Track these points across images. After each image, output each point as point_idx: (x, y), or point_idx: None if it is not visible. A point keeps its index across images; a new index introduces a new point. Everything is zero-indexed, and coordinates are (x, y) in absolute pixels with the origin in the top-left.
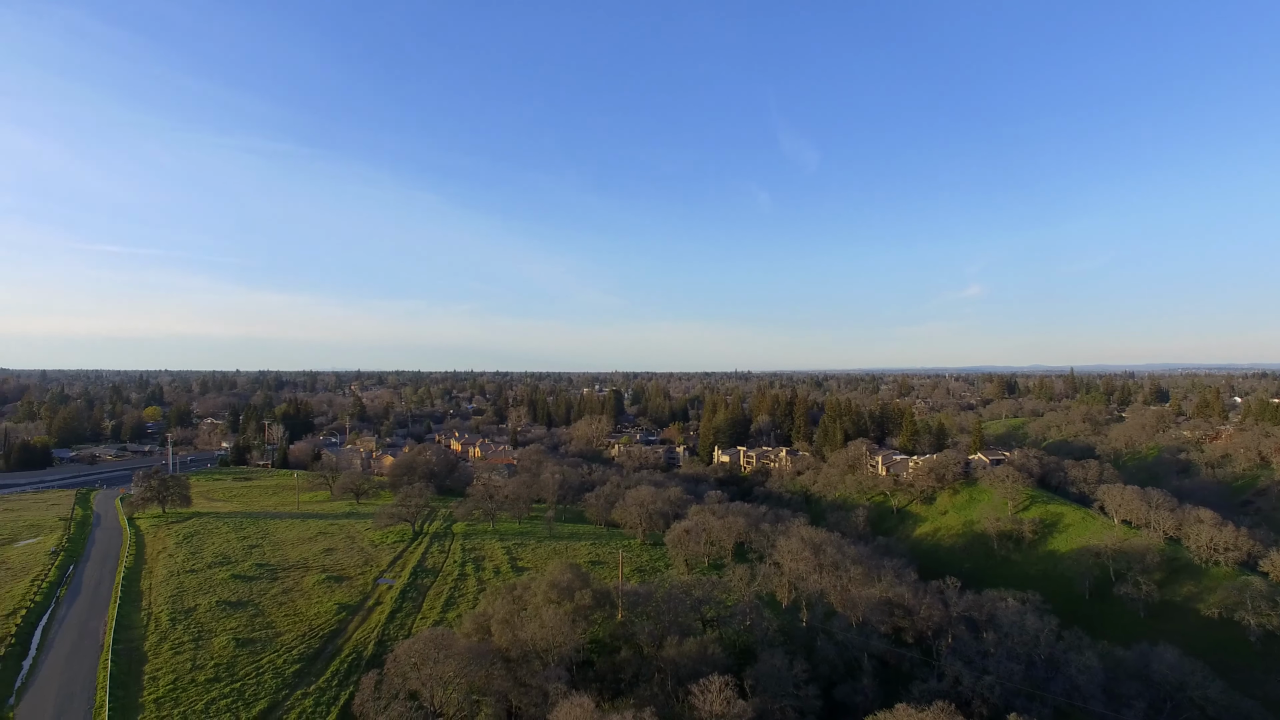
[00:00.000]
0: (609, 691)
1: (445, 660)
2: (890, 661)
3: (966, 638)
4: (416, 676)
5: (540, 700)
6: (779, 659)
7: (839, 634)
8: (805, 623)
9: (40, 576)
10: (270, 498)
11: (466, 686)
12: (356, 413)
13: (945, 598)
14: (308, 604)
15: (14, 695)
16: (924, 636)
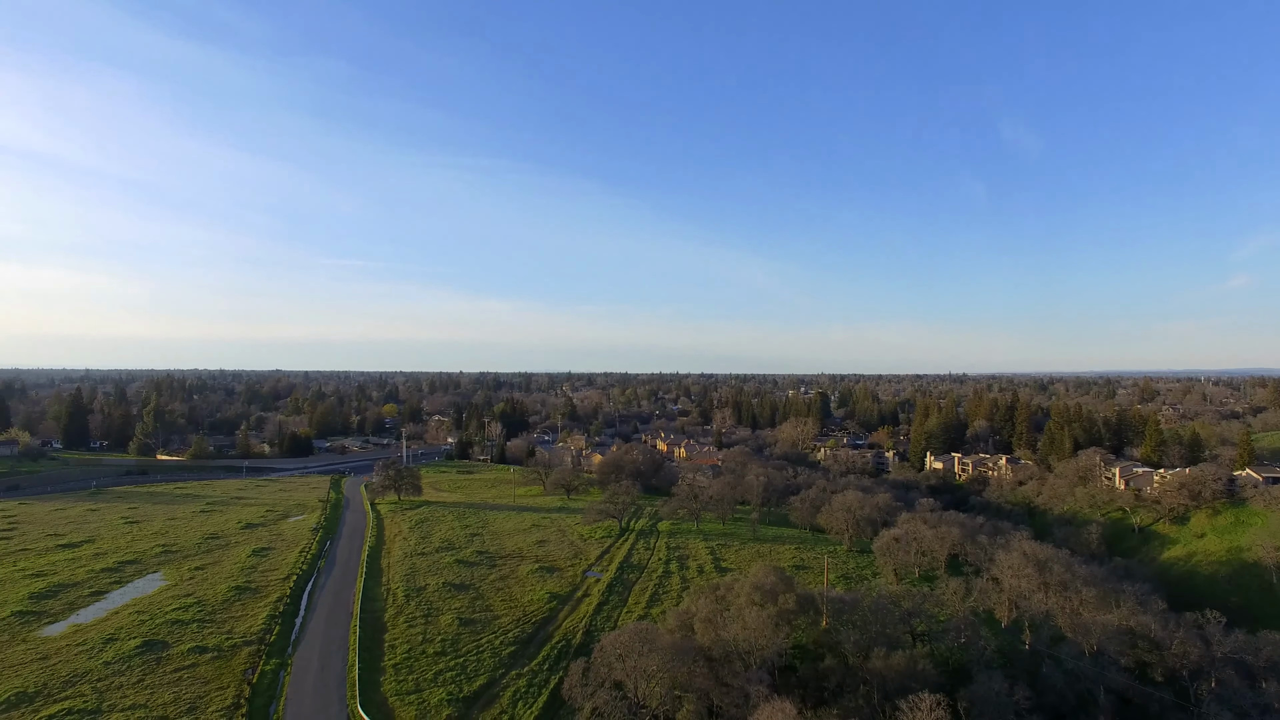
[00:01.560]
0: (811, 699)
1: (649, 654)
2: (1133, 699)
3: (1237, 684)
4: (621, 668)
5: (741, 701)
6: (997, 682)
7: (1069, 661)
8: (1028, 646)
9: (306, 549)
10: (489, 490)
11: (669, 681)
12: (567, 412)
13: (1205, 634)
14: (522, 591)
15: (291, 646)
16: (1177, 676)
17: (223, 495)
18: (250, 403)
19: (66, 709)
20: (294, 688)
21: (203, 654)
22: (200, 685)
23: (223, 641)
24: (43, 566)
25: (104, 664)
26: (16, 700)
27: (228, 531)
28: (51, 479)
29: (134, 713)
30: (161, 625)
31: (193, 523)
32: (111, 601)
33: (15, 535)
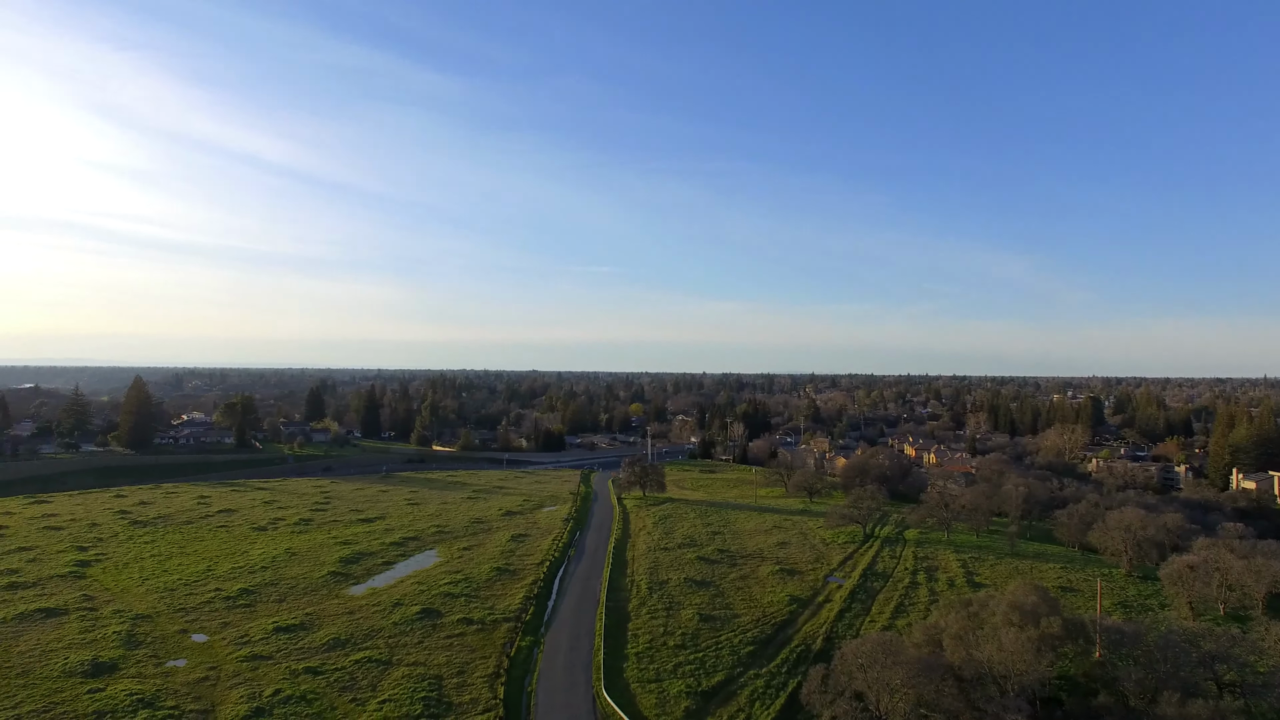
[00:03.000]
0: None
1: (893, 666)
2: None
3: None
4: (863, 678)
5: None
6: None
7: None
8: None
9: (558, 537)
10: (731, 490)
11: (914, 697)
12: (810, 414)
13: None
14: (762, 591)
15: (544, 626)
16: None
17: (486, 484)
18: (510, 400)
19: (367, 656)
20: (546, 664)
21: (469, 625)
22: (467, 652)
23: (485, 616)
24: (348, 536)
25: (393, 624)
26: (333, 644)
27: (490, 517)
28: (354, 463)
29: (415, 668)
30: (436, 596)
31: (461, 507)
32: (398, 571)
33: (329, 509)
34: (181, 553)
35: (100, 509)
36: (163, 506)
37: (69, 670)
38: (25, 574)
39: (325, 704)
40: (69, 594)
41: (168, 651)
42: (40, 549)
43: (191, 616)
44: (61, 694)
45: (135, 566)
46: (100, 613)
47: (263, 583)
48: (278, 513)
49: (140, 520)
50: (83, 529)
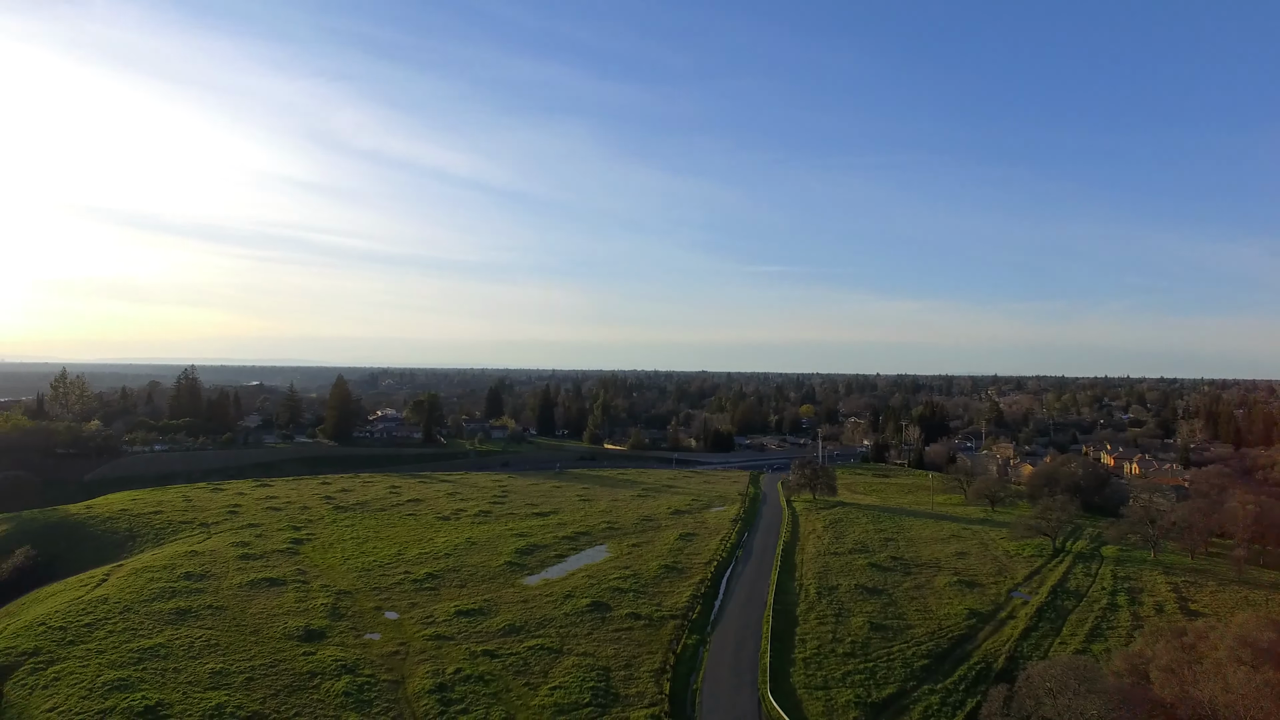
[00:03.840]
0: None
1: (1088, 695)
2: None
3: None
4: (1052, 705)
5: None
6: None
7: None
8: None
9: (725, 538)
10: (905, 495)
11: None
12: (993, 418)
13: None
14: (938, 603)
15: (710, 625)
16: None
17: (655, 483)
18: (680, 400)
19: (540, 644)
20: (711, 663)
21: (637, 620)
22: (635, 647)
23: (653, 612)
24: (523, 529)
25: (564, 614)
26: (509, 630)
27: (659, 515)
28: (529, 459)
29: (584, 658)
30: (606, 590)
31: (631, 505)
32: (569, 564)
33: (506, 502)
34: (376, 537)
35: (310, 494)
36: (360, 494)
37: (287, 633)
38: (254, 547)
39: (501, 685)
40: (286, 567)
41: (365, 625)
42: (264, 526)
43: (385, 595)
44: (282, 653)
45: (338, 547)
46: (310, 586)
47: (446, 568)
48: (460, 504)
49: (342, 506)
50: (296, 511)
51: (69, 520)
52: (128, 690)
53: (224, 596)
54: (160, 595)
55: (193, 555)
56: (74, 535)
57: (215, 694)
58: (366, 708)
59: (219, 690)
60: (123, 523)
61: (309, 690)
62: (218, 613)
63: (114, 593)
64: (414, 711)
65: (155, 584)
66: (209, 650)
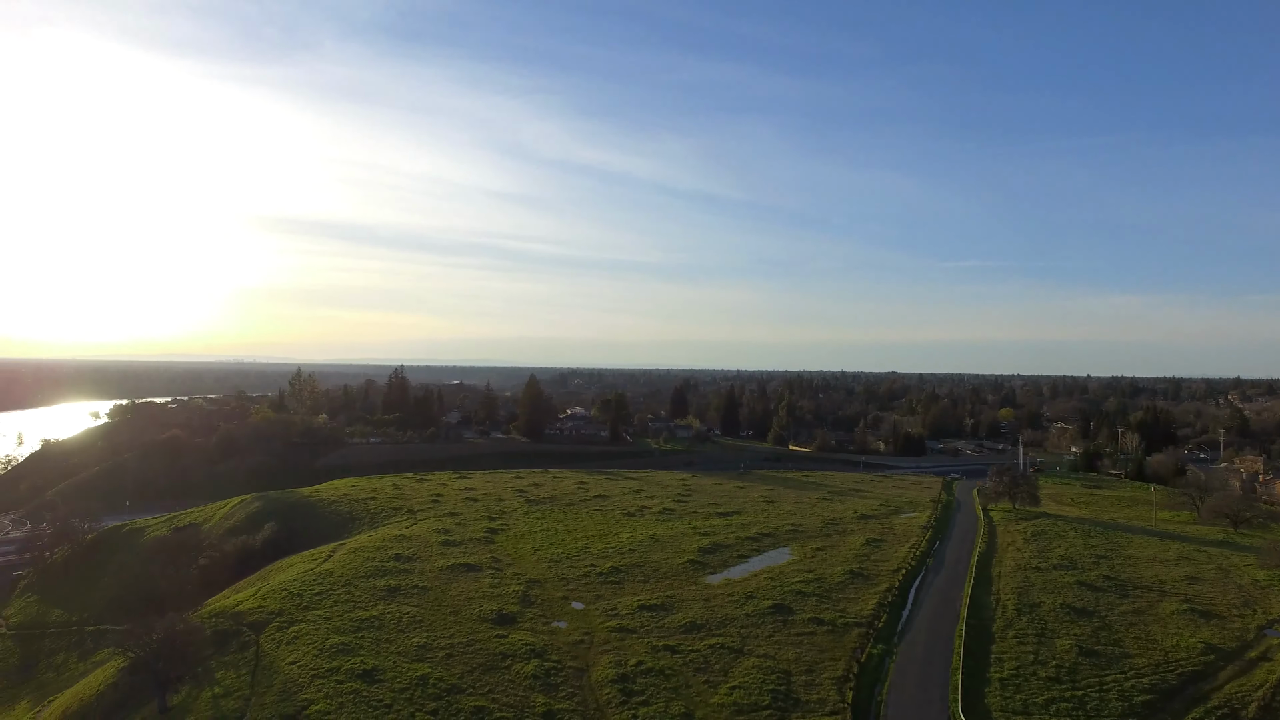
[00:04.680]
0: None
1: None
2: None
3: None
4: None
5: None
6: None
7: None
8: None
9: (915, 545)
10: (1121, 509)
11: None
12: (1235, 426)
13: None
14: (1163, 633)
15: (896, 636)
16: None
17: (841, 486)
18: (868, 402)
19: (720, 643)
20: (897, 675)
21: (819, 625)
22: (816, 652)
23: (836, 618)
24: (706, 528)
25: (745, 615)
26: (690, 627)
27: (845, 519)
28: (713, 458)
29: (765, 660)
30: (788, 593)
31: (816, 508)
32: (752, 565)
33: (690, 500)
34: (564, 530)
35: (504, 487)
36: (550, 489)
37: (482, 616)
38: (454, 534)
39: (681, 681)
40: (482, 554)
41: (553, 614)
42: (463, 515)
43: (571, 586)
44: (478, 634)
45: (529, 538)
46: (504, 573)
47: (630, 563)
48: (644, 501)
49: (533, 499)
50: (491, 502)
51: (303, 501)
52: (349, 654)
53: (428, 578)
54: (375, 573)
55: (401, 539)
56: (307, 514)
57: (420, 665)
58: (553, 691)
59: (423, 663)
60: (344, 506)
61: (501, 670)
62: (422, 592)
63: (338, 568)
64: (597, 700)
65: (371, 562)
66: (415, 626)
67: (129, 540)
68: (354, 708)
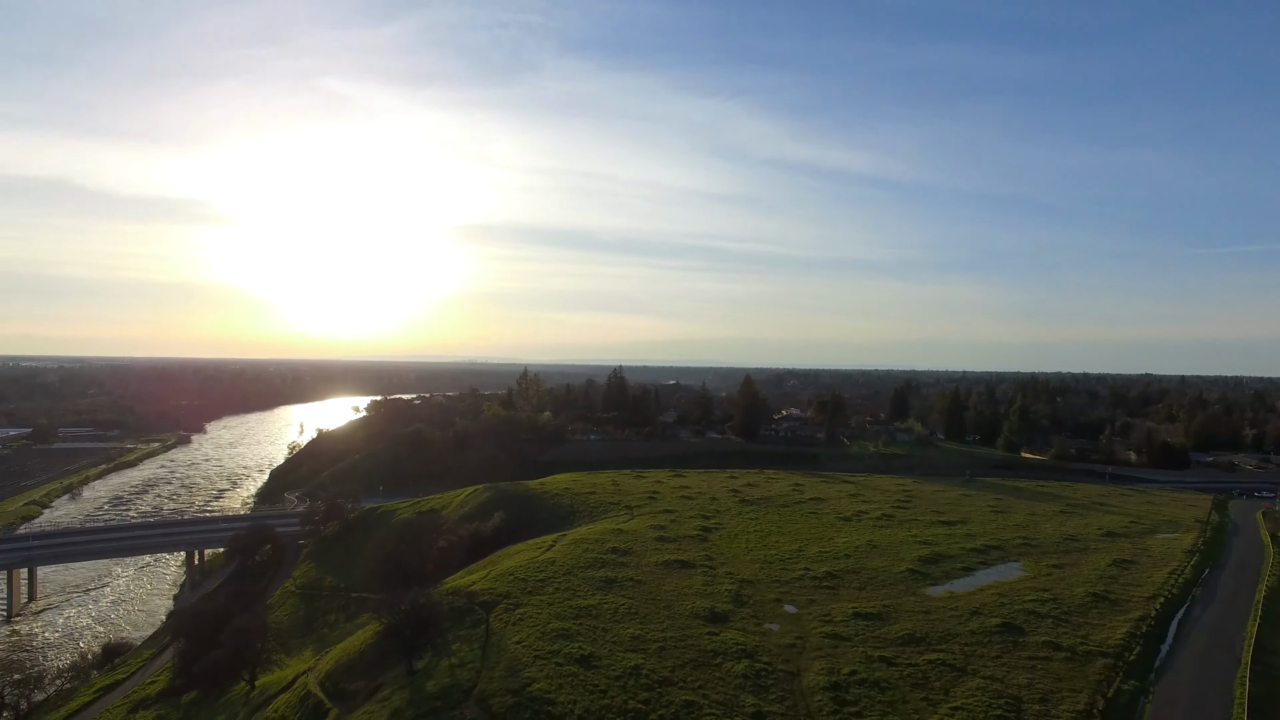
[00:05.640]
0: None
1: None
2: None
3: None
4: None
5: None
6: None
7: None
8: None
9: (1177, 571)
10: None
11: None
12: None
13: None
14: None
15: (1153, 673)
16: None
17: (1083, 499)
18: (1115, 407)
19: (941, 659)
20: (1155, 718)
21: (1056, 650)
22: (1052, 680)
23: (1077, 644)
24: (928, 536)
25: (969, 631)
26: (908, 640)
27: (1087, 536)
28: (935, 464)
29: (991, 683)
30: (1018, 612)
31: (1052, 521)
32: (977, 579)
33: (910, 507)
34: (778, 531)
35: (718, 486)
36: (765, 489)
37: (695, 613)
38: (669, 531)
39: (897, 695)
40: (696, 552)
41: (764, 615)
42: (678, 513)
43: (784, 589)
44: (690, 629)
45: (742, 538)
46: (716, 572)
47: (845, 569)
48: (862, 506)
49: (747, 499)
50: (706, 501)
51: (529, 493)
52: (568, 639)
53: (643, 571)
54: (593, 564)
55: (619, 533)
56: (532, 506)
57: (634, 656)
58: (763, 693)
59: (637, 653)
60: (566, 499)
61: (711, 667)
62: (637, 585)
63: (559, 557)
64: (808, 706)
65: (589, 554)
66: (629, 617)
67: (382, 520)
68: (571, 689)
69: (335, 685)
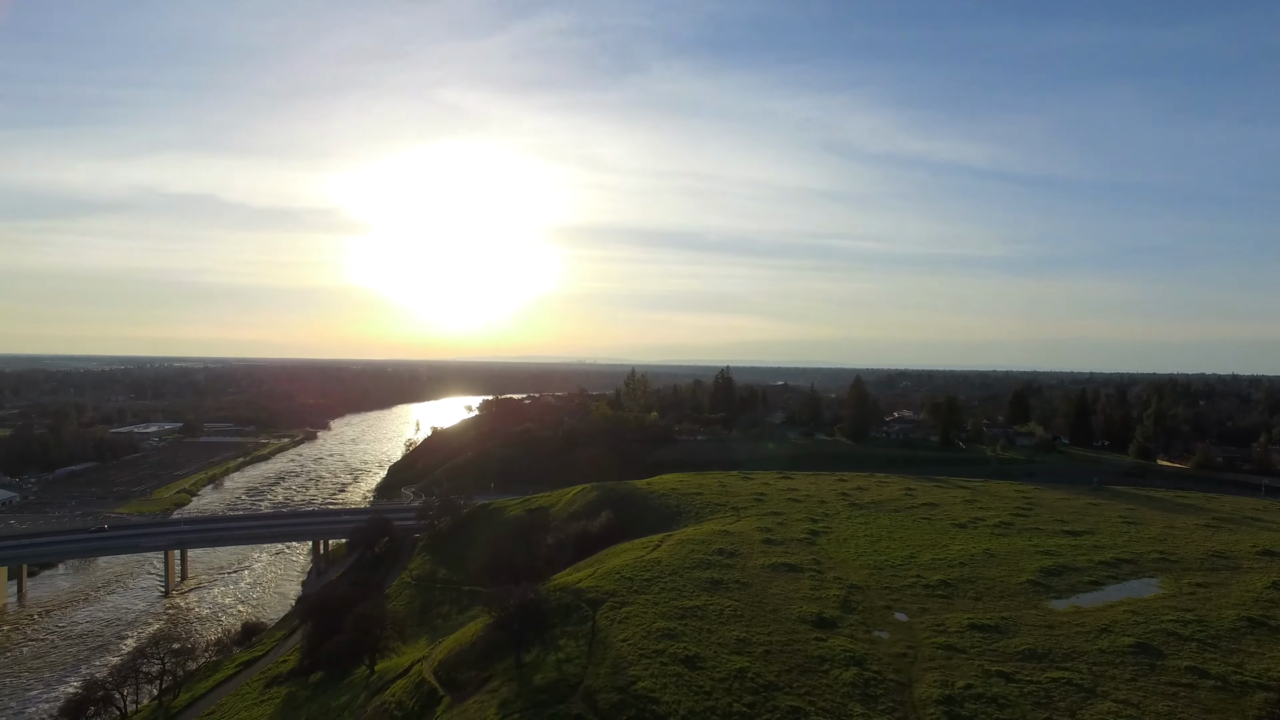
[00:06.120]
0: None
1: None
2: None
3: None
4: None
5: None
6: None
7: None
8: None
9: None
10: None
11: None
12: None
13: None
14: None
15: None
16: None
17: (1231, 512)
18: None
19: (1065, 678)
20: None
21: (1202, 678)
22: (1199, 711)
23: (1229, 673)
24: (1050, 547)
25: (1098, 650)
26: (1028, 655)
27: (1238, 554)
28: (1058, 470)
29: (1125, 707)
30: (1156, 633)
31: (1194, 535)
32: (1107, 594)
33: (1031, 515)
34: (889, 537)
35: (827, 489)
36: (875, 493)
37: (801, 618)
38: (776, 533)
39: (1017, 713)
40: (803, 556)
41: (874, 622)
42: (785, 515)
43: (895, 596)
44: (796, 634)
45: (851, 542)
46: (824, 576)
47: (960, 578)
48: (978, 512)
49: (857, 503)
50: (814, 504)
51: (635, 493)
52: (673, 639)
53: (749, 574)
54: (699, 565)
55: (725, 534)
56: (639, 505)
57: (739, 659)
58: (872, 703)
59: (742, 656)
60: (672, 500)
61: (818, 674)
62: (744, 588)
63: (665, 557)
64: (920, 718)
65: (695, 555)
66: (735, 619)
67: (493, 516)
68: (676, 689)
69: (448, 674)
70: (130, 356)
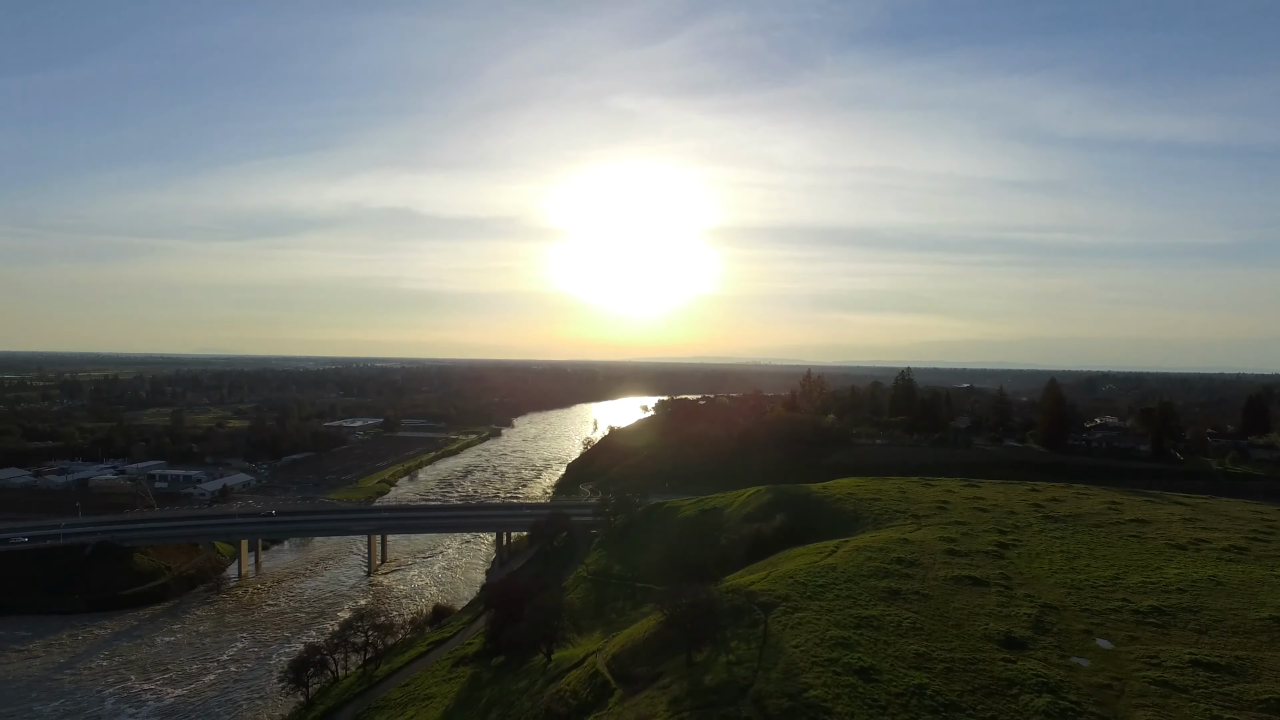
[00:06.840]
0: None
1: None
2: None
3: None
4: None
5: None
6: None
7: None
8: None
9: None
10: None
11: None
12: None
13: None
14: None
15: None
16: None
17: None
18: None
19: None
20: None
21: None
22: None
23: None
24: None
25: None
26: (1271, 706)
27: None
28: None
29: None
30: None
31: None
32: None
33: (1271, 540)
34: (1089, 554)
35: (1017, 499)
36: (1073, 506)
37: (987, 635)
38: (960, 544)
39: None
40: (990, 569)
41: (1071, 647)
42: (970, 525)
43: (1096, 620)
44: (981, 653)
45: (1045, 558)
46: (1014, 593)
47: (1178, 606)
48: (1200, 533)
49: (1052, 515)
50: (1003, 515)
51: (811, 496)
52: (847, 648)
53: (930, 585)
54: (876, 574)
55: (904, 543)
56: (814, 509)
57: (917, 674)
58: None
59: (920, 671)
60: (849, 504)
61: (1006, 698)
62: (923, 600)
63: (841, 563)
64: None
65: (872, 562)
66: (914, 632)
67: (667, 516)
68: (849, 701)
69: (620, 667)
70: (338, 358)
